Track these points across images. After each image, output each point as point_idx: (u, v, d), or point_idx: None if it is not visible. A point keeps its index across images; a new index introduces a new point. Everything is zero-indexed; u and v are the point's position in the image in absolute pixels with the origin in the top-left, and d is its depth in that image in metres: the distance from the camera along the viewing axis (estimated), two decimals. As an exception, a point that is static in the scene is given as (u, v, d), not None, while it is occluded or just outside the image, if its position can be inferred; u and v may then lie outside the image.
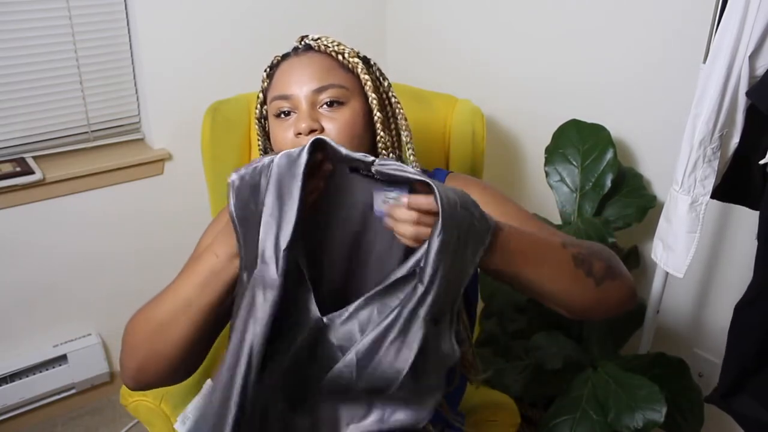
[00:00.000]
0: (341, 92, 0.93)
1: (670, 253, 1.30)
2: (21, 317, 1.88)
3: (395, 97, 1.00)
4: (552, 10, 1.76)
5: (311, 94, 0.93)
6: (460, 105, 1.51)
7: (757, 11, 1.07)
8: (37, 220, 1.81)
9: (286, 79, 0.94)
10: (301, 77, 0.93)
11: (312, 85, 0.92)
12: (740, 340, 1.23)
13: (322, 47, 0.96)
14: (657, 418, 1.29)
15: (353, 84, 0.95)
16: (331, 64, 0.95)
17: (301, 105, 0.93)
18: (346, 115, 0.93)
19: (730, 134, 1.20)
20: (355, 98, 0.95)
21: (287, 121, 0.94)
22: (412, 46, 2.17)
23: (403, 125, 0.99)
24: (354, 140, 0.93)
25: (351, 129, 0.93)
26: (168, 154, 1.93)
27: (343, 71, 0.95)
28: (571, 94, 1.77)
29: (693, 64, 1.34)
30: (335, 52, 0.96)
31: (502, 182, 1.99)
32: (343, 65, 0.96)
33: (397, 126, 1.00)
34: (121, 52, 1.84)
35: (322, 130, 0.92)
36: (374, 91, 0.96)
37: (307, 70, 0.93)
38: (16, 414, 1.91)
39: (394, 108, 1.00)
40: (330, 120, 0.92)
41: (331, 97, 0.93)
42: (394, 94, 1.00)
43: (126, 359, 0.89)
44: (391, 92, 1.00)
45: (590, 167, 1.60)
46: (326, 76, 0.93)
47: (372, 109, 0.96)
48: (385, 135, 0.97)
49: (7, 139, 1.77)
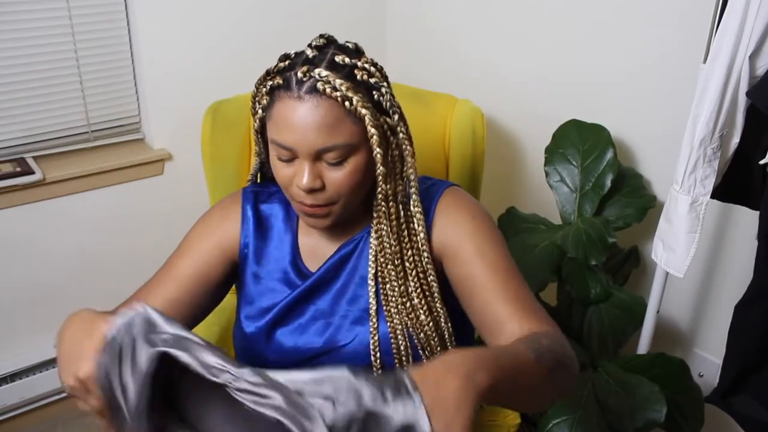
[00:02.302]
0: (346, 150, 0.88)
1: (671, 253, 1.30)
2: (21, 317, 1.88)
3: (403, 131, 0.94)
4: (552, 10, 1.76)
5: (315, 153, 0.87)
6: (460, 105, 1.51)
7: (757, 11, 1.07)
8: (37, 220, 1.81)
9: (288, 126, 0.87)
10: (305, 131, 0.86)
11: (317, 143, 0.86)
12: (740, 340, 1.23)
13: (328, 91, 0.85)
14: (657, 418, 1.29)
15: (359, 135, 0.89)
16: (337, 116, 0.86)
17: (303, 160, 0.88)
18: (349, 169, 0.89)
19: (731, 134, 1.20)
20: (359, 150, 0.89)
21: (288, 164, 0.90)
22: (412, 46, 2.17)
23: (410, 162, 0.95)
24: (355, 191, 0.92)
25: (352, 183, 0.90)
26: (168, 154, 1.93)
27: (350, 120, 0.87)
28: (571, 94, 1.77)
29: (693, 64, 1.34)
30: (342, 98, 0.86)
31: (502, 182, 2.00)
32: (350, 112, 0.87)
33: (403, 167, 0.95)
34: (121, 52, 1.84)
35: (323, 187, 0.89)
36: (379, 145, 0.89)
37: (313, 123, 0.85)
38: (16, 414, 1.91)
39: (401, 147, 0.94)
40: (331, 175, 0.89)
41: (335, 158, 0.88)
42: (402, 128, 0.94)
43: None
44: (399, 128, 0.94)
45: (590, 167, 1.60)
46: (332, 133, 0.86)
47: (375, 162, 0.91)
48: (386, 186, 0.93)
49: (7, 139, 1.77)
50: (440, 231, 0.98)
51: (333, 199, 0.91)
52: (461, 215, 0.98)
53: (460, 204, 1.00)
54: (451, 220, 0.98)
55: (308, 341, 1.00)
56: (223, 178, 1.51)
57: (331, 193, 0.90)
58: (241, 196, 1.06)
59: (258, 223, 1.03)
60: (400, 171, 0.95)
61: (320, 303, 1.01)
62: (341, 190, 0.90)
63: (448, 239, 0.97)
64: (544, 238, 1.57)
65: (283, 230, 1.04)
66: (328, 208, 0.92)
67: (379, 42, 2.23)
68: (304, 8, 2.02)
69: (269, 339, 1.01)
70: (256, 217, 1.03)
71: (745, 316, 1.21)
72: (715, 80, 1.14)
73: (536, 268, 1.51)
